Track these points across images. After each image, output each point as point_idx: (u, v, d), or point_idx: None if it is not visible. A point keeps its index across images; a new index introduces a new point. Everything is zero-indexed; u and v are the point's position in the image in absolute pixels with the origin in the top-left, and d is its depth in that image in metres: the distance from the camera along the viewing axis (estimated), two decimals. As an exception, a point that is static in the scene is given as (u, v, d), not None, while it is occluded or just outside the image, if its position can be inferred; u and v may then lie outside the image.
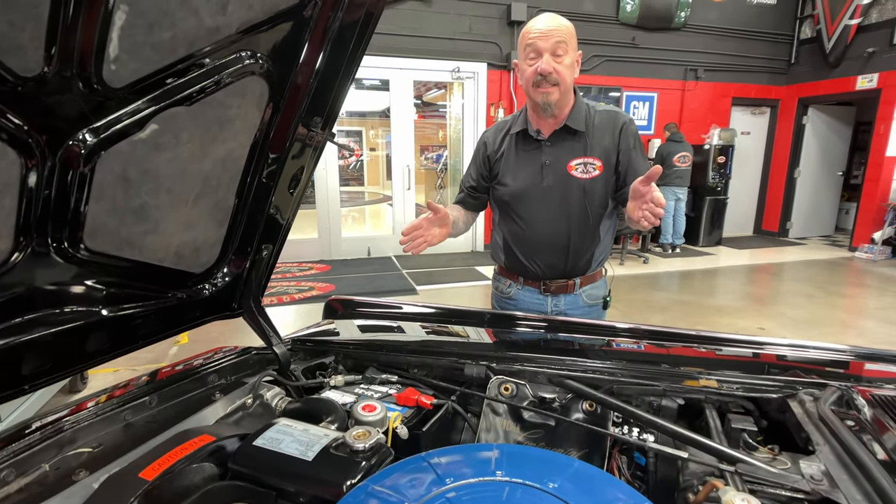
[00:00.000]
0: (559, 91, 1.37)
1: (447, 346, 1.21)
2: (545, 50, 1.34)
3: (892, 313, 4.45)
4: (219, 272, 1.09)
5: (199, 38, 0.74)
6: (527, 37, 1.37)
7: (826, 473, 0.70)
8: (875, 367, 1.08)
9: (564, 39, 1.34)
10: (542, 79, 1.35)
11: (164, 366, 1.12)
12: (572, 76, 1.40)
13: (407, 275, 5.75)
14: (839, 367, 1.10)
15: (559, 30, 1.34)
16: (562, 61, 1.35)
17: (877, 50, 6.75)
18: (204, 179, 0.91)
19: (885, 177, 6.90)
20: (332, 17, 0.90)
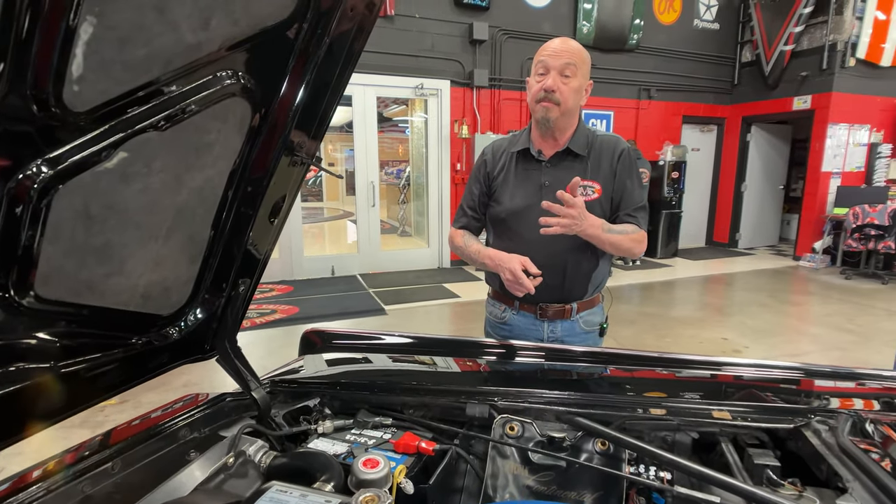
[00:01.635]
0: (559, 111, 1.38)
1: (444, 383, 1.13)
2: (554, 68, 1.35)
3: (837, 319, 4.70)
4: (190, 312, 0.98)
5: (177, 55, 0.66)
6: (540, 54, 1.39)
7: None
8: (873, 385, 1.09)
9: (575, 63, 1.36)
10: (546, 95, 1.36)
11: (121, 424, 0.99)
12: (576, 101, 1.40)
13: (374, 294, 5.62)
14: (842, 386, 1.10)
15: (571, 52, 1.37)
16: (568, 83, 1.36)
17: (809, 74, 7.25)
18: (177, 212, 0.81)
19: (822, 190, 7.36)
20: (321, 34, 0.83)
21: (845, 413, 0.90)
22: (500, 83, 6.94)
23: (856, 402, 1.01)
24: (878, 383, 1.12)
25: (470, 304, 5.22)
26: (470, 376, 1.20)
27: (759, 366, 1.16)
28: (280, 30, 0.78)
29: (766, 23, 7.66)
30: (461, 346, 1.34)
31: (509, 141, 1.55)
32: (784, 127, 8.71)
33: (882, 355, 3.77)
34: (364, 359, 1.32)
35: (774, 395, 1.05)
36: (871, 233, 6.16)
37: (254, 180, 0.91)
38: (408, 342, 1.41)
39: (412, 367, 1.28)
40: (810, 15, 7.05)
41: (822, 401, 0.99)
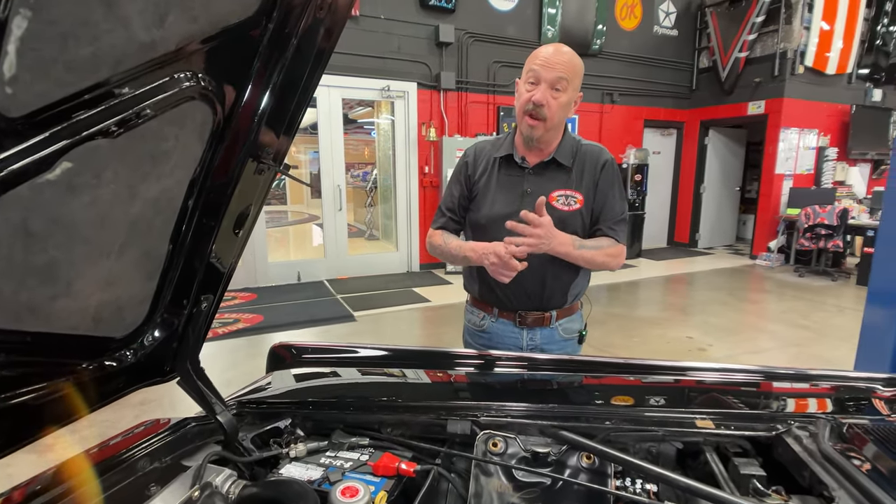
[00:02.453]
0: (544, 127, 1.34)
1: (423, 398, 1.09)
2: (545, 80, 1.30)
3: (792, 316, 4.90)
4: (147, 333, 0.90)
5: (128, 55, 0.59)
6: (532, 60, 1.34)
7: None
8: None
9: (567, 77, 1.30)
10: (534, 108, 1.32)
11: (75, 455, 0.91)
12: (563, 115, 1.36)
13: (343, 300, 5.50)
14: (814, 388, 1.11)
15: (564, 65, 1.30)
16: (558, 97, 1.31)
17: (762, 80, 7.57)
18: (131, 225, 0.74)
19: (776, 192, 7.70)
20: (289, 33, 0.78)
21: (823, 417, 0.91)
22: (467, 86, 6.95)
23: (829, 404, 1.03)
24: (848, 384, 1.15)
25: (441, 309, 5.18)
26: (449, 390, 1.16)
27: (735, 371, 1.17)
28: (244, 28, 0.73)
29: (721, 30, 7.95)
30: (439, 357, 1.30)
31: (492, 144, 1.51)
32: (739, 131, 9.07)
33: (837, 350, 3.95)
34: (337, 374, 1.26)
35: (753, 400, 1.06)
36: (822, 232, 6.47)
37: (216, 190, 0.85)
38: (383, 355, 1.36)
39: (388, 381, 1.23)
40: (762, 24, 7.36)
41: (799, 405, 1.00)
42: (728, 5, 7.88)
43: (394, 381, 1.22)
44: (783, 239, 7.55)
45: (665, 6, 8.28)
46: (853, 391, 1.07)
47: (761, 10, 7.30)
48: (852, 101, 7.95)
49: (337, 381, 1.23)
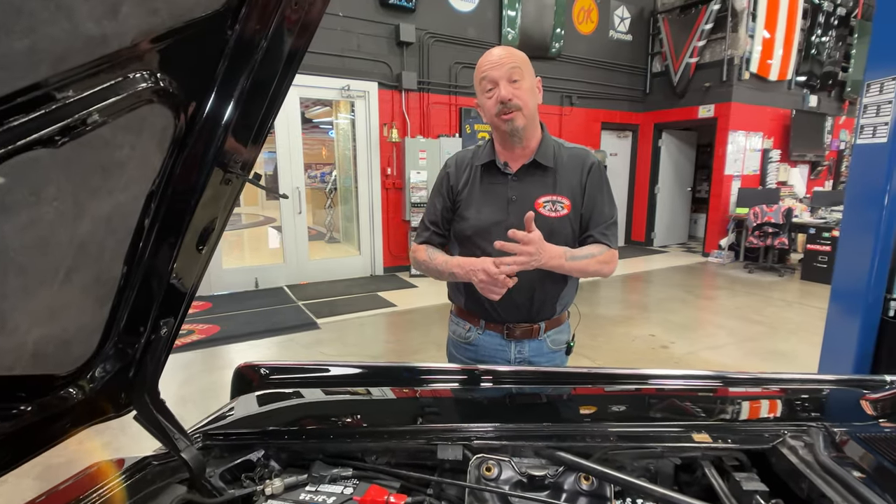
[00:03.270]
0: (524, 116, 1.30)
1: (409, 421, 1.02)
2: (500, 78, 1.28)
3: (746, 311, 5.12)
4: (98, 366, 0.80)
5: (73, 50, 0.50)
6: (480, 71, 1.32)
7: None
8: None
9: (518, 65, 1.29)
10: (504, 106, 1.28)
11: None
12: (534, 101, 1.33)
13: (304, 307, 5.33)
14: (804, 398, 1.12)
15: (511, 57, 1.29)
16: (520, 86, 1.29)
17: (712, 84, 7.90)
18: (79, 248, 0.64)
19: (725, 192, 8.05)
20: (260, 29, 0.70)
21: (814, 426, 0.91)
22: (429, 86, 6.89)
23: (819, 410, 1.04)
24: (835, 387, 1.17)
25: (408, 314, 5.10)
26: (437, 411, 1.10)
27: (721, 378, 1.17)
28: (211, 23, 0.64)
29: (673, 36, 8.24)
30: (422, 374, 1.23)
31: (473, 153, 1.46)
32: (690, 133, 9.43)
33: (788, 343, 4.15)
34: (312, 397, 1.18)
35: (744, 409, 1.06)
36: (769, 230, 6.80)
37: (178, 203, 0.76)
38: (360, 373, 1.29)
39: (370, 403, 1.16)
40: (711, 31, 7.68)
41: (789, 412, 1.00)
42: (679, 12, 8.18)
43: (376, 402, 1.15)
44: (733, 237, 7.90)
45: (620, 11, 8.51)
46: (842, 396, 1.08)
47: (710, 17, 7.61)
48: (792, 106, 8.42)
49: (313, 406, 1.15)
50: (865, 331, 1.81)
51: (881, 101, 1.73)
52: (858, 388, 1.11)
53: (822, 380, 1.18)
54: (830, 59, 8.70)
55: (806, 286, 6.24)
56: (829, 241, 6.25)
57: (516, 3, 7.25)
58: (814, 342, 4.16)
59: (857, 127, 1.84)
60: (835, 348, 1.95)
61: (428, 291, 5.96)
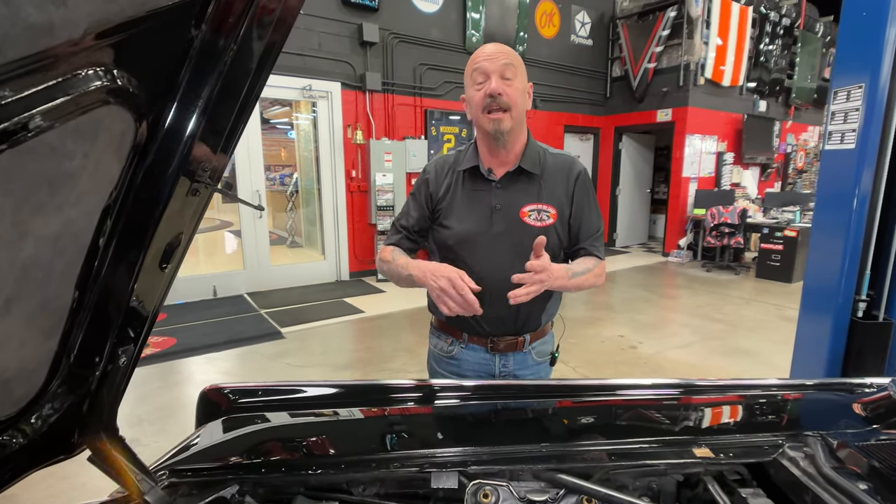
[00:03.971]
0: (511, 118, 1.24)
1: (398, 446, 0.95)
2: (493, 72, 1.22)
3: (707, 310, 5.29)
4: (46, 405, 0.70)
5: (10, 39, 0.42)
6: (473, 62, 1.26)
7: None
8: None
9: (513, 63, 1.23)
10: (493, 101, 1.22)
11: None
12: (524, 104, 1.28)
13: (267, 315, 5.14)
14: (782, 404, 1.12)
15: (507, 53, 1.24)
16: (512, 84, 1.22)
17: (669, 89, 8.15)
18: (20, 273, 0.55)
19: (683, 193, 8.32)
20: (234, 21, 0.63)
21: (811, 435, 0.90)
22: (393, 88, 6.80)
23: (815, 418, 1.04)
24: (825, 392, 1.18)
25: (376, 320, 4.99)
26: (427, 434, 1.03)
27: (709, 387, 1.15)
28: (177, 13, 0.56)
29: (632, 42, 8.46)
30: (406, 392, 1.16)
31: (454, 158, 1.39)
32: (649, 136, 9.71)
33: (750, 341, 4.29)
34: (288, 422, 1.09)
35: (741, 419, 1.04)
36: (726, 230, 7.07)
37: (138, 217, 0.67)
38: (338, 392, 1.20)
39: (353, 426, 1.09)
40: (668, 37, 7.93)
41: (785, 421, 1.00)
42: (637, 19, 8.41)
43: (359, 426, 1.08)
44: (691, 237, 8.17)
45: (581, 16, 8.66)
46: (833, 402, 1.08)
47: (666, 24, 7.86)
48: (743, 111, 8.80)
49: (290, 432, 1.06)
50: (836, 331, 1.87)
51: (848, 108, 1.79)
52: (843, 393, 1.12)
53: (807, 385, 1.18)
54: (777, 67, 9.15)
55: (760, 284, 6.51)
56: (781, 240, 6.55)
57: (480, 5, 7.27)
58: (773, 339, 4.34)
59: (825, 133, 1.90)
60: (806, 349, 2.01)
61: (396, 296, 5.87)
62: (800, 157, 10.35)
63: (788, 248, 6.48)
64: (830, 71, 10.17)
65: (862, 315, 1.90)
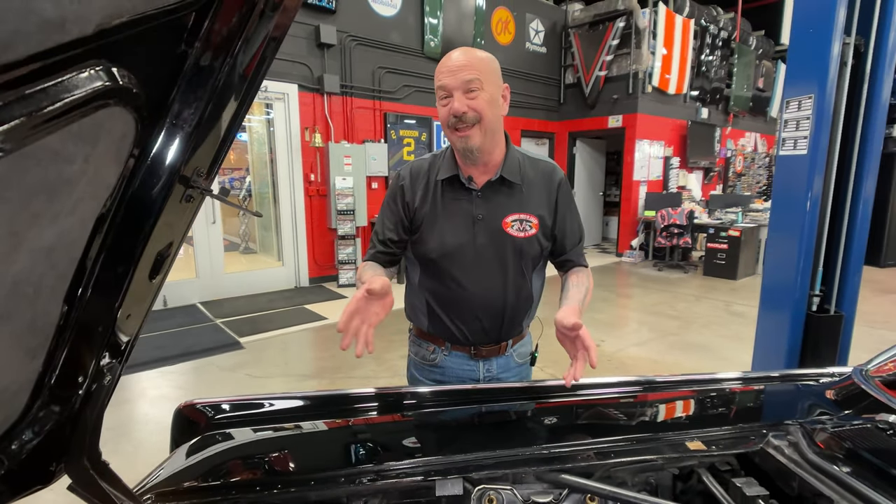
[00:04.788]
0: (480, 132, 1.18)
1: (398, 456, 0.93)
2: (455, 88, 1.15)
3: (662, 307, 5.52)
4: (26, 430, 0.64)
5: (23, 35, 0.39)
6: (437, 75, 1.19)
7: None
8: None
9: (477, 76, 1.15)
10: (458, 120, 1.16)
11: None
12: (495, 112, 1.20)
13: (224, 325, 4.93)
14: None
15: (470, 65, 1.15)
16: (477, 97, 1.15)
17: (619, 97, 8.48)
18: (11, 289, 0.50)
19: (634, 196, 8.66)
20: (239, 16, 0.60)
21: (792, 424, 0.95)
22: (352, 90, 6.72)
23: (794, 408, 1.10)
24: (798, 383, 1.25)
25: (339, 325, 4.89)
26: (425, 442, 1.02)
27: (687, 381, 1.20)
28: (184, 8, 0.54)
29: (583, 50, 8.74)
30: (396, 399, 1.14)
31: (430, 164, 1.33)
32: (600, 141, 10.06)
33: (703, 336, 4.51)
34: (275, 436, 1.05)
35: (724, 411, 1.09)
36: (675, 231, 7.41)
37: (131, 227, 0.63)
38: (322, 402, 1.17)
39: (346, 436, 1.06)
40: (617, 46, 8.24)
41: (766, 412, 1.05)
42: (588, 28, 8.70)
43: (353, 436, 1.05)
44: (642, 237, 8.52)
45: (535, 24, 8.87)
46: (806, 391, 1.15)
47: (616, 34, 8.17)
48: (688, 118, 9.27)
49: (280, 447, 1.02)
50: (794, 325, 2.01)
51: (800, 116, 1.93)
52: (810, 382, 1.19)
53: (774, 376, 1.26)
54: (717, 77, 9.71)
55: (708, 281, 6.86)
56: (725, 239, 6.93)
57: (437, 10, 7.30)
58: (724, 334, 4.58)
59: (778, 140, 2.04)
60: (767, 342, 2.14)
61: (358, 302, 5.78)
62: (738, 162, 11.01)
63: (733, 247, 6.87)
64: (765, 80, 10.90)
65: (816, 309, 2.05)
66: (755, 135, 11.46)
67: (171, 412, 1.14)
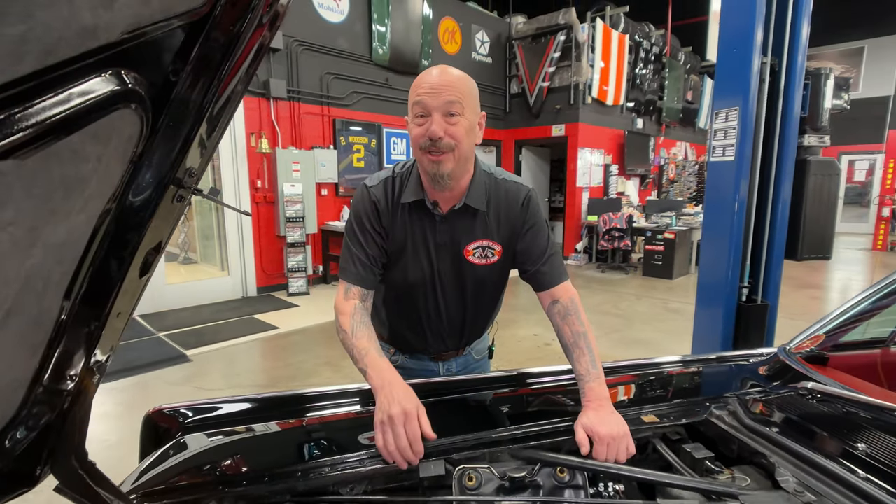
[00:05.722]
0: (454, 158, 1.11)
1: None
2: (435, 109, 1.08)
3: (606, 307, 5.81)
4: (18, 429, 0.64)
5: (63, 41, 0.42)
6: (415, 91, 1.10)
7: (798, 482, 0.81)
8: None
9: (459, 99, 1.09)
10: (432, 143, 1.09)
11: None
12: (471, 142, 1.14)
13: (167, 338, 4.71)
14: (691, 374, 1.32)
15: (454, 87, 1.09)
16: (457, 123, 1.09)
17: (562, 107, 8.86)
18: (24, 283, 0.52)
19: (578, 202, 9.05)
20: (237, 21, 0.64)
21: (730, 396, 1.08)
22: (299, 96, 6.63)
23: (731, 383, 1.23)
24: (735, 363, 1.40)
25: (292, 336, 4.81)
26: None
27: (641, 365, 1.32)
28: (189, 15, 0.57)
29: (527, 61, 9.07)
30: (369, 394, 1.18)
31: (393, 184, 1.24)
32: (545, 149, 10.44)
33: (644, 333, 4.80)
34: (257, 434, 1.06)
35: (672, 388, 1.21)
36: (616, 234, 7.82)
37: (130, 224, 0.65)
38: (295, 399, 1.19)
39: (327, 429, 1.09)
40: (559, 59, 8.62)
41: (708, 387, 1.18)
42: (531, 40, 9.04)
43: (334, 429, 1.08)
44: (586, 241, 8.91)
45: (480, 35, 9.11)
46: (741, 369, 1.30)
47: (557, 47, 8.55)
48: (624, 128, 9.82)
49: (264, 443, 1.04)
50: (727, 314, 2.22)
51: (727, 126, 2.15)
52: (743, 362, 1.34)
53: (712, 358, 1.40)
54: (650, 89, 10.35)
55: (647, 281, 7.28)
56: (662, 242, 7.39)
57: (385, 18, 7.36)
58: (663, 329, 4.88)
59: (709, 147, 2.25)
60: (704, 331, 2.34)
61: (311, 310, 5.70)
62: (671, 169, 11.75)
63: (668, 248, 7.34)
64: (693, 93, 11.71)
65: (745, 299, 2.28)
66: (685, 144, 12.29)
67: (117, 429, 1.12)
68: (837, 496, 0.77)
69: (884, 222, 10.41)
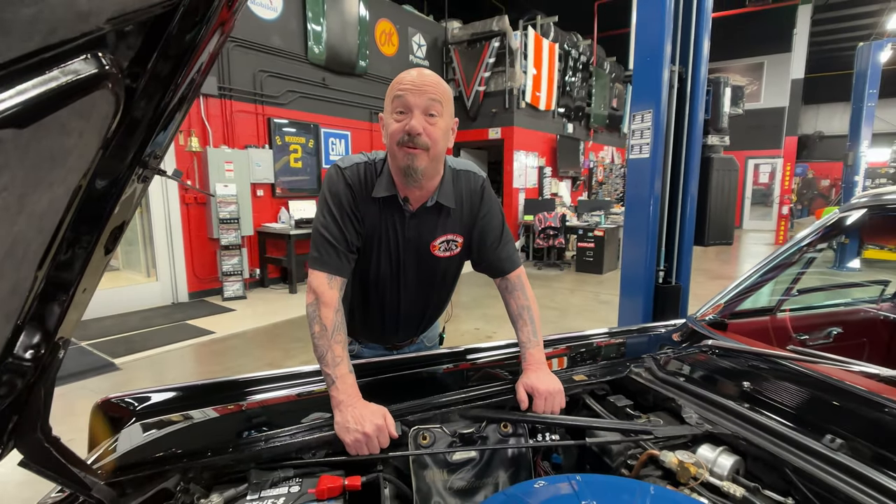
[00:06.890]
0: (428, 157, 1.13)
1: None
2: (416, 106, 1.09)
3: (543, 301, 6.09)
4: (-12, 400, 0.66)
5: (64, 23, 0.47)
6: (396, 87, 1.12)
7: (700, 417, 0.97)
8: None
9: (440, 100, 1.12)
10: (410, 138, 1.10)
11: None
12: (445, 145, 1.17)
13: (91, 348, 4.42)
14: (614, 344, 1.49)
15: (435, 88, 1.11)
16: (435, 123, 1.11)
17: (498, 111, 9.16)
18: (9, 249, 0.55)
19: (515, 202, 9.38)
20: (199, 18, 0.70)
21: (646, 357, 1.25)
22: (231, 94, 6.43)
23: (648, 347, 1.40)
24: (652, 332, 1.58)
25: (230, 340, 4.66)
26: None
27: (574, 338, 1.47)
28: (164, 5, 0.63)
29: (464, 66, 9.30)
30: (313, 375, 1.24)
31: (364, 175, 1.23)
32: (483, 151, 10.73)
33: (577, 322, 5.10)
34: (217, 415, 1.09)
35: (599, 353, 1.37)
36: (551, 233, 8.19)
37: (101, 199, 0.69)
38: (248, 384, 1.23)
39: (282, 405, 1.14)
40: (494, 64, 8.91)
41: (629, 351, 1.34)
42: (467, 46, 9.27)
43: (295, 404, 1.13)
44: (523, 240, 9.25)
45: (417, 38, 9.23)
46: (658, 336, 1.48)
47: (492, 53, 8.83)
48: (556, 132, 10.30)
49: (225, 420, 1.07)
50: (647, 295, 2.46)
51: (643, 127, 2.39)
52: (659, 331, 1.53)
53: (633, 329, 1.58)
54: (579, 96, 10.93)
55: (580, 276, 7.70)
56: (592, 239, 7.83)
57: (321, 17, 7.29)
58: (595, 319, 5.20)
59: (628, 146, 2.49)
60: (628, 310, 2.58)
61: (249, 314, 5.54)
62: (599, 172, 12.45)
63: (598, 245, 7.79)
64: (618, 101, 12.46)
65: (661, 282, 2.54)
66: (612, 148, 13.07)
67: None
68: (729, 424, 0.93)
69: (784, 219, 11.60)
